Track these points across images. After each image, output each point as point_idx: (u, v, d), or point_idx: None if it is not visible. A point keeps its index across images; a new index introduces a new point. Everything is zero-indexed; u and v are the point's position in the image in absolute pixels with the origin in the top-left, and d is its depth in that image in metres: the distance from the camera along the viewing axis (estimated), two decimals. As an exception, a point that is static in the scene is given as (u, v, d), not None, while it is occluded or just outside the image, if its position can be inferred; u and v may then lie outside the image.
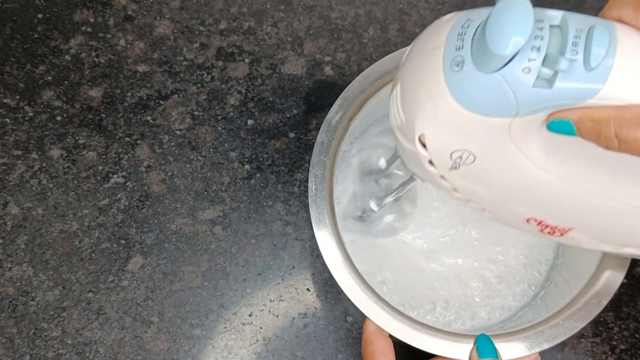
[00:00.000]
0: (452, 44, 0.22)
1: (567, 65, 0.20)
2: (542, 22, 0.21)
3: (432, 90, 0.23)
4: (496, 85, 0.21)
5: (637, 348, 0.39)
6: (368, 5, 0.47)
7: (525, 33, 0.20)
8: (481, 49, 0.21)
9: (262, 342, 0.40)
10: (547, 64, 0.20)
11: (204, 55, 0.46)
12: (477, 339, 0.30)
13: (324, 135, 0.35)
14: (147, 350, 0.39)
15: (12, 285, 0.41)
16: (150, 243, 0.41)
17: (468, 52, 0.21)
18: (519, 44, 0.20)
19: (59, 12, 0.47)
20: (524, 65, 0.20)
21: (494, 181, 0.25)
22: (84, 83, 0.45)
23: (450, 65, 0.22)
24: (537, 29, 0.20)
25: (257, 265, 0.41)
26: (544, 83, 0.20)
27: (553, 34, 0.21)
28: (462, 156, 0.24)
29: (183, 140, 0.44)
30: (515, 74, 0.20)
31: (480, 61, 0.21)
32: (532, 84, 0.20)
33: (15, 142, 0.44)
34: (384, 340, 0.32)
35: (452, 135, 0.23)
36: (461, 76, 0.22)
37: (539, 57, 0.20)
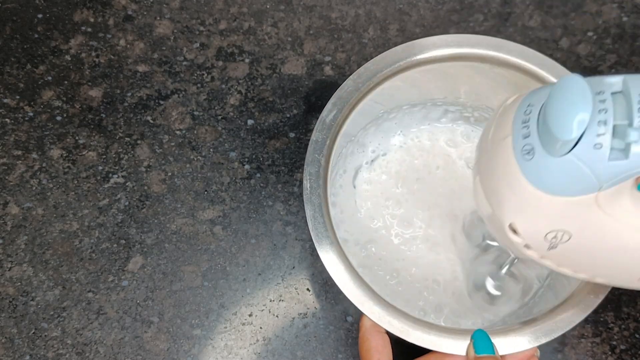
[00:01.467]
0: (519, 132, 0.22)
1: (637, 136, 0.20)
2: (602, 93, 0.21)
3: (510, 180, 0.23)
4: (571, 167, 0.21)
5: (637, 348, 0.39)
6: (368, 5, 0.47)
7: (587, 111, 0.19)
8: (548, 135, 0.21)
9: (262, 342, 0.40)
10: (617, 136, 0.20)
11: (204, 55, 0.46)
12: (474, 334, 0.30)
13: (319, 134, 0.35)
14: (147, 350, 0.39)
15: (12, 285, 0.41)
16: (150, 243, 0.41)
17: (536, 139, 0.21)
18: (583, 124, 0.20)
19: (59, 12, 0.47)
20: (595, 142, 0.20)
21: (596, 253, 0.25)
22: (84, 83, 0.45)
23: (522, 153, 0.22)
24: (599, 102, 0.20)
25: (257, 265, 0.41)
26: (619, 154, 0.20)
27: (617, 102, 0.21)
28: (557, 236, 0.24)
29: (183, 140, 0.44)
30: (587, 153, 0.20)
31: (550, 146, 0.21)
32: (608, 158, 0.20)
33: (15, 142, 0.44)
34: (379, 336, 0.32)
35: (541, 219, 0.23)
36: (534, 163, 0.22)
37: (607, 131, 0.20)
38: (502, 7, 0.47)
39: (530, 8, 0.47)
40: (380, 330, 0.32)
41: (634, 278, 0.27)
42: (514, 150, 0.22)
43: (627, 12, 0.47)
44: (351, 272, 0.32)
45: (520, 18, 0.46)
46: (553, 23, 0.46)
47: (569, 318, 0.32)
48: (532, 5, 0.47)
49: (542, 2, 0.47)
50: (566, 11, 0.47)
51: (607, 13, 0.47)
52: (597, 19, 0.46)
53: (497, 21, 0.46)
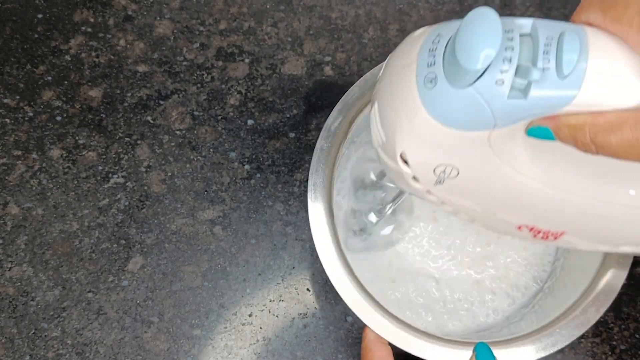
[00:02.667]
0: (424, 60, 0.22)
1: (539, 75, 0.20)
2: (511, 32, 0.21)
3: (408, 108, 0.23)
4: (471, 100, 0.21)
5: (637, 348, 0.39)
6: (368, 5, 0.47)
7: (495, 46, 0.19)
8: (453, 65, 0.20)
9: (262, 342, 0.40)
10: (519, 75, 0.20)
11: (204, 55, 0.46)
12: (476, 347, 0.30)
13: (324, 142, 0.35)
14: (147, 350, 0.39)
15: (12, 285, 0.41)
16: (150, 243, 0.41)
17: (440, 68, 0.21)
18: (489, 57, 0.19)
19: (59, 12, 0.47)
20: (497, 78, 0.20)
21: (480, 193, 0.25)
22: (84, 83, 0.45)
23: (424, 82, 0.22)
24: (507, 40, 0.20)
25: (257, 265, 0.41)
26: (518, 94, 0.20)
27: (524, 43, 0.21)
28: (446, 170, 0.24)
29: (183, 140, 0.44)
30: (488, 87, 0.20)
31: (453, 77, 0.21)
32: (507, 95, 0.20)
33: (15, 142, 0.44)
34: (383, 348, 0.32)
35: (433, 151, 0.23)
36: (435, 93, 0.21)
37: (511, 68, 0.20)
38: (502, 8, 0.47)
39: (531, 9, 0.47)
40: (383, 342, 0.32)
41: (512, 226, 0.27)
42: (416, 78, 0.22)
43: (627, 12, 0.47)
44: (356, 284, 0.32)
45: (520, 18, 0.47)
46: (553, 23, 0.46)
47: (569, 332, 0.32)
48: (532, 5, 0.47)
49: (542, 2, 0.47)
50: (566, 12, 0.47)
51: (607, 13, 0.47)
52: (597, 19, 0.46)
53: (497, 21, 0.46)
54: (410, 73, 0.22)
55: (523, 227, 0.27)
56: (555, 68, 0.20)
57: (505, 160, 0.23)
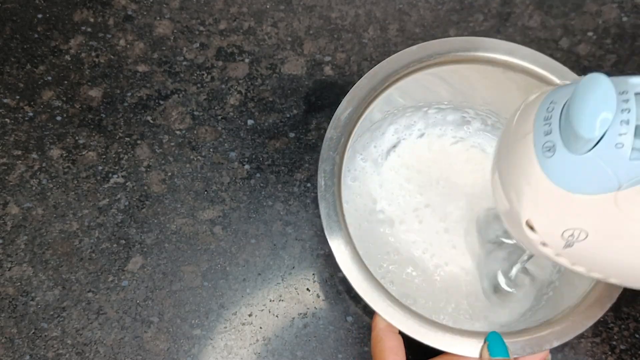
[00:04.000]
0: (540, 129, 0.22)
1: None
2: (625, 93, 0.21)
3: (529, 177, 0.23)
4: (592, 165, 0.21)
5: (637, 348, 0.39)
6: (368, 5, 0.47)
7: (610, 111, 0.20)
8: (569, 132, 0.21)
9: (262, 342, 0.40)
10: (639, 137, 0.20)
11: (204, 55, 0.46)
12: (488, 337, 0.30)
13: (333, 131, 0.35)
14: (147, 350, 0.39)
15: (12, 285, 0.41)
16: (150, 243, 0.41)
17: (557, 136, 0.22)
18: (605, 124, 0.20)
19: (59, 12, 0.47)
20: (617, 141, 0.20)
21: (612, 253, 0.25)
22: (84, 83, 0.45)
23: (542, 150, 0.22)
24: (622, 102, 0.20)
25: (257, 265, 0.41)
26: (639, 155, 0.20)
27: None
28: (574, 234, 0.24)
29: (183, 140, 0.44)
30: (608, 151, 0.20)
31: (571, 144, 0.21)
32: (629, 157, 0.20)
33: (15, 142, 0.44)
34: (394, 337, 0.31)
35: (559, 216, 0.23)
36: (555, 161, 0.22)
37: (629, 131, 0.20)
38: (502, 7, 0.47)
39: (530, 8, 0.47)
40: (394, 331, 0.31)
41: None
42: (535, 147, 0.22)
43: (627, 12, 0.47)
44: (365, 272, 0.32)
45: (520, 18, 0.46)
46: (553, 23, 0.46)
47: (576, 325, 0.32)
48: (532, 5, 0.47)
49: (542, 2, 0.47)
50: (566, 11, 0.47)
51: (607, 13, 0.47)
52: (597, 19, 0.46)
53: (497, 21, 0.46)
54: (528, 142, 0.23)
55: None
56: None
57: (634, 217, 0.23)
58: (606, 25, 0.46)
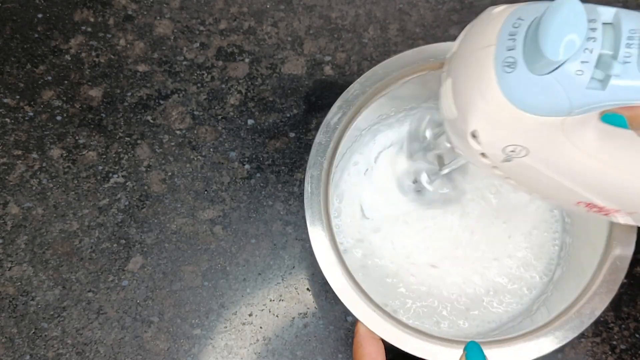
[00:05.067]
0: (504, 43, 0.22)
1: (620, 70, 0.20)
2: (594, 21, 0.21)
3: (484, 89, 0.23)
4: (549, 87, 0.21)
5: (637, 348, 0.39)
6: (368, 5, 0.47)
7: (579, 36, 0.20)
8: (534, 52, 0.21)
9: (262, 342, 0.40)
10: (600, 67, 0.20)
11: (204, 55, 0.46)
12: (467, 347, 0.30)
13: (322, 136, 0.35)
14: (147, 350, 0.39)
15: (12, 285, 0.41)
16: (150, 243, 0.41)
17: (520, 53, 0.21)
18: (571, 49, 0.20)
19: (59, 12, 0.47)
20: (577, 68, 0.20)
21: (546, 171, 0.26)
22: (84, 83, 0.45)
23: (502, 65, 0.22)
24: (589, 30, 0.20)
25: (257, 265, 0.41)
26: (597, 84, 0.20)
27: (606, 33, 0.21)
28: (515, 150, 0.24)
29: (183, 140, 0.44)
30: (568, 76, 0.20)
31: (533, 63, 0.21)
32: (586, 85, 0.20)
33: (15, 142, 0.44)
34: (374, 343, 0.31)
35: (505, 132, 0.24)
36: (513, 77, 0.22)
37: (592, 59, 0.20)
38: None
39: None
40: (374, 337, 0.32)
41: (571, 202, 0.28)
42: (495, 61, 0.22)
43: (627, 12, 0.47)
44: (349, 277, 0.32)
45: (520, 18, 0.46)
46: (553, 23, 0.46)
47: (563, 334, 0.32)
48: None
49: None
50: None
51: (607, 13, 0.47)
52: (597, 18, 0.46)
53: (497, 21, 0.46)
54: (489, 55, 0.23)
55: (581, 204, 0.28)
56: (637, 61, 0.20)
57: (576, 143, 0.23)
58: (606, 25, 0.46)
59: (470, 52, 0.24)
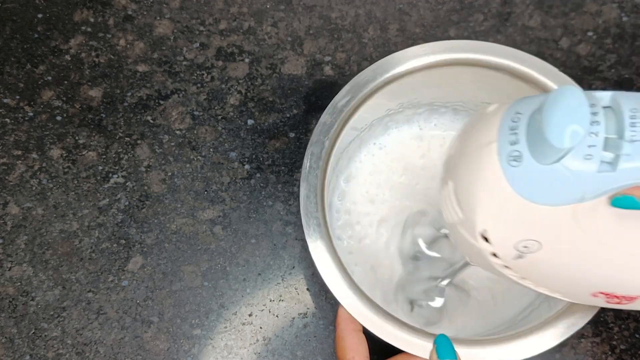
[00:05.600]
0: (506, 138, 0.22)
1: (630, 149, 0.20)
2: (594, 106, 0.21)
3: (491, 185, 0.23)
4: (559, 176, 0.21)
5: (637, 348, 0.39)
6: (368, 5, 0.47)
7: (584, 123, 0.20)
8: (539, 142, 0.21)
9: (262, 342, 0.40)
10: (608, 149, 0.20)
11: (204, 55, 0.46)
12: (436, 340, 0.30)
13: (328, 117, 0.35)
14: (147, 350, 0.39)
15: (12, 285, 0.41)
16: (150, 243, 0.41)
17: (525, 146, 0.21)
18: (577, 135, 0.20)
19: (59, 12, 0.47)
20: (585, 153, 0.20)
21: (561, 265, 0.25)
22: (84, 83, 0.45)
23: (508, 160, 0.22)
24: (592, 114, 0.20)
25: (257, 265, 0.41)
26: (607, 167, 0.20)
27: (608, 116, 0.21)
28: (527, 245, 0.24)
29: (183, 140, 0.44)
30: (577, 163, 0.20)
31: (539, 154, 0.21)
32: (596, 170, 0.20)
33: (15, 142, 0.44)
34: (354, 334, 0.32)
35: (517, 227, 0.23)
36: (521, 170, 0.22)
37: (598, 143, 0.20)
38: (502, 7, 0.47)
39: (530, 8, 0.47)
40: (355, 329, 0.32)
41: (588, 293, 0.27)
42: (499, 156, 0.22)
43: (627, 12, 0.47)
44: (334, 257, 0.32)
45: (520, 18, 0.46)
46: (553, 23, 0.46)
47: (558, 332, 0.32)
48: (532, 5, 0.47)
49: (542, 2, 0.47)
50: (566, 11, 0.47)
51: (607, 13, 0.47)
52: (597, 19, 0.46)
53: (497, 21, 0.46)
54: (492, 152, 0.23)
55: (599, 294, 0.27)
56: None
57: (589, 231, 0.23)
58: (606, 25, 0.46)
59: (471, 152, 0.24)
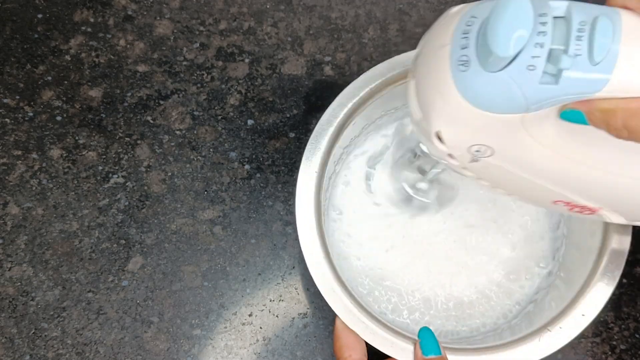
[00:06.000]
0: (458, 42, 0.22)
1: (570, 63, 0.20)
2: (545, 15, 0.21)
3: (442, 89, 0.23)
4: (503, 84, 0.21)
5: (637, 348, 0.39)
6: (368, 5, 0.47)
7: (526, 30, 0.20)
8: (485, 49, 0.21)
9: (262, 342, 0.40)
10: (552, 62, 0.20)
11: (204, 55, 0.46)
12: (420, 334, 0.30)
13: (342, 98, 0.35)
14: (147, 350, 0.39)
15: (12, 285, 0.41)
16: (150, 243, 0.41)
17: (473, 51, 0.21)
18: (519, 43, 0.20)
19: (59, 12, 0.47)
20: (529, 63, 0.20)
21: (516, 170, 0.25)
22: (84, 83, 0.45)
23: (457, 64, 0.22)
24: (539, 24, 0.20)
25: (257, 265, 0.41)
26: (550, 79, 0.20)
27: (557, 27, 0.21)
28: (480, 150, 0.24)
29: (183, 140, 0.44)
30: (520, 72, 0.20)
31: (485, 61, 0.21)
32: (539, 81, 0.20)
33: (15, 142, 0.44)
34: (351, 334, 0.32)
35: (467, 131, 0.24)
36: (468, 76, 0.22)
37: (543, 54, 0.20)
38: None
39: None
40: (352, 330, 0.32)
41: (548, 200, 0.28)
42: (450, 60, 0.22)
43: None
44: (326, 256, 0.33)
45: (520, 18, 0.46)
46: (553, 23, 0.46)
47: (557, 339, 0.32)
48: None
49: None
50: None
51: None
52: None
53: (497, 21, 0.46)
54: (444, 54, 0.23)
55: (559, 202, 0.27)
56: (588, 54, 0.20)
57: (540, 140, 0.23)
58: (606, 25, 0.46)
59: (429, 52, 0.24)
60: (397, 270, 0.39)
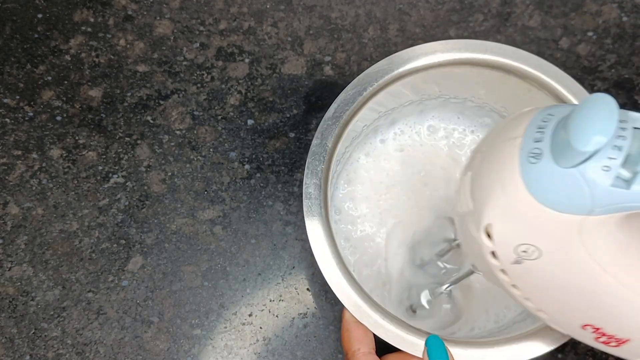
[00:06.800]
0: (531, 135, 0.22)
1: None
2: (625, 122, 0.21)
3: (506, 179, 0.22)
4: (573, 181, 0.21)
5: (637, 348, 0.39)
6: (368, 5, 0.47)
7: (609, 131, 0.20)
8: (561, 143, 0.20)
9: (262, 342, 0.40)
10: (627, 165, 0.20)
11: (204, 55, 0.46)
12: (428, 341, 0.29)
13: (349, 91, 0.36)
14: (147, 350, 0.39)
15: (12, 285, 0.41)
16: (150, 243, 0.41)
17: (547, 144, 0.21)
18: (601, 141, 0.20)
19: (59, 12, 0.47)
20: (604, 164, 0.20)
21: (556, 281, 0.24)
22: (84, 83, 0.45)
23: (528, 156, 0.22)
24: (620, 129, 0.20)
25: (257, 265, 0.41)
26: (622, 184, 0.20)
27: (636, 137, 0.21)
28: (528, 251, 0.23)
29: (183, 140, 0.44)
30: (594, 172, 0.20)
31: (560, 155, 0.21)
32: (610, 183, 0.20)
33: (15, 142, 0.44)
34: (360, 326, 0.32)
35: (521, 227, 0.23)
36: (538, 168, 0.21)
37: (619, 157, 0.20)
38: (502, 7, 0.47)
39: (530, 8, 0.47)
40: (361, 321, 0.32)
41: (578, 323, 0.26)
42: (521, 151, 0.22)
43: (627, 12, 0.47)
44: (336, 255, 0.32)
45: (520, 18, 0.47)
46: (553, 23, 0.46)
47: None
48: (532, 5, 0.47)
49: (542, 2, 0.47)
50: (566, 11, 0.47)
51: (607, 13, 0.47)
52: (597, 19, 0.46)
53: (497, 21, 0.46)
54: (515, 146, 0.22)
55: (588, 327, 0.26)
56: None
57: (591, 251, 0.23)
58: (606, 25, 0.46)
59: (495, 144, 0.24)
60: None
